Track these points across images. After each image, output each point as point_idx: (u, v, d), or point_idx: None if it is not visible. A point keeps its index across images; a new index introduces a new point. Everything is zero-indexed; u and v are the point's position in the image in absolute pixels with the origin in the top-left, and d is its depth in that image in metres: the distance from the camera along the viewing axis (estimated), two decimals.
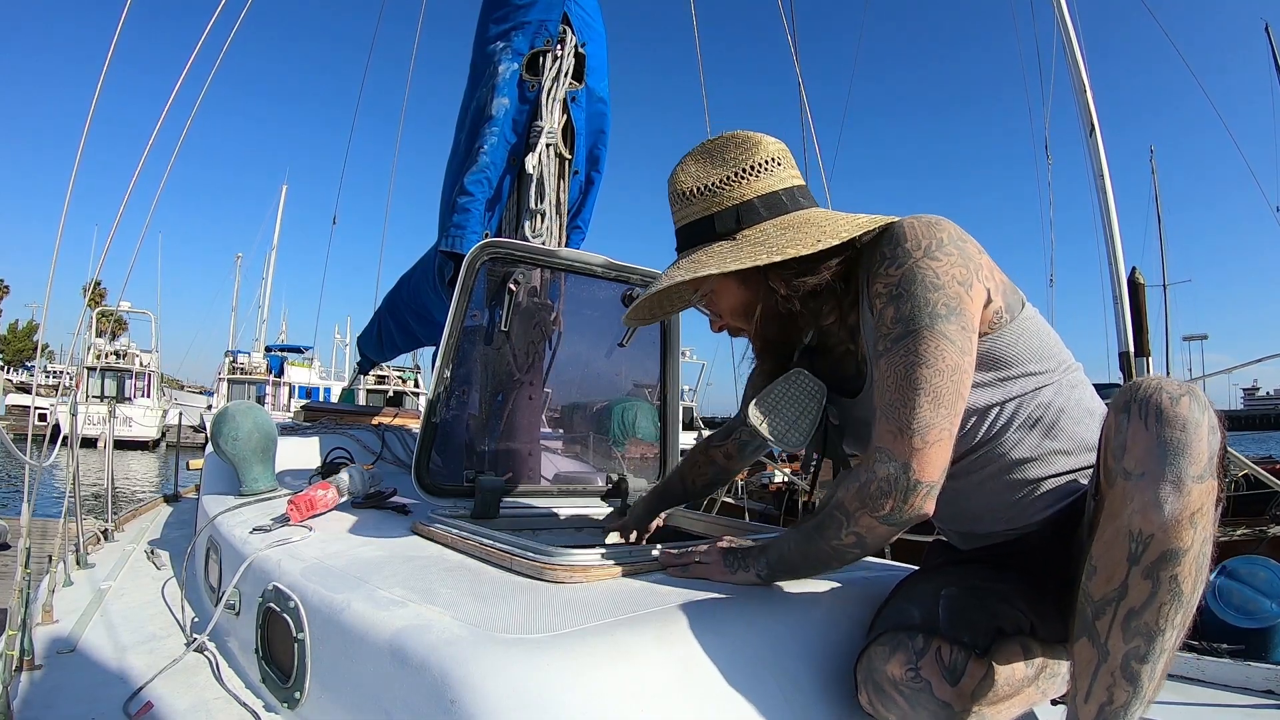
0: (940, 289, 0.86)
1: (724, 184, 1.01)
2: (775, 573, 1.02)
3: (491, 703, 0.73)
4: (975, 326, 0.88)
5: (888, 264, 0.90)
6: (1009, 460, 0.94)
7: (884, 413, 0.88)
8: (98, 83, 2.18)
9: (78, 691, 1.20)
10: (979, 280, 0.88)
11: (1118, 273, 2.95)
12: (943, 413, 0.84)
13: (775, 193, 1.01)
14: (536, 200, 1.98)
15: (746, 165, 1.01)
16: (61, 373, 16.61)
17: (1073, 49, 3.36)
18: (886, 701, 0.85)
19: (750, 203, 1.00)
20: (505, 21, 2.03)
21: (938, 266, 0.87)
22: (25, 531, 1.58)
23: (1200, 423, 0.70)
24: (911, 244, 0.89)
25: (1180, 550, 0.69)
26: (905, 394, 0.85)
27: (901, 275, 0.88)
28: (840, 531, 0.91)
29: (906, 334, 0.86)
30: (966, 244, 0.90)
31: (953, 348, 0.85)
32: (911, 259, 0.88)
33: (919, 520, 0.89)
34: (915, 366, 0.85)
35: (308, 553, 1.24)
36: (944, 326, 0.85)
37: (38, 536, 2.96)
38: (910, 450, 0.84)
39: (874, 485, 0.87)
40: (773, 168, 1.02)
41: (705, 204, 1.02)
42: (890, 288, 0.89)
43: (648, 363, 1.80)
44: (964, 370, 0.86)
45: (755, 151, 1.02)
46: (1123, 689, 0.73)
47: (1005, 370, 0.92)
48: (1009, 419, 0.93)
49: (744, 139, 1.03)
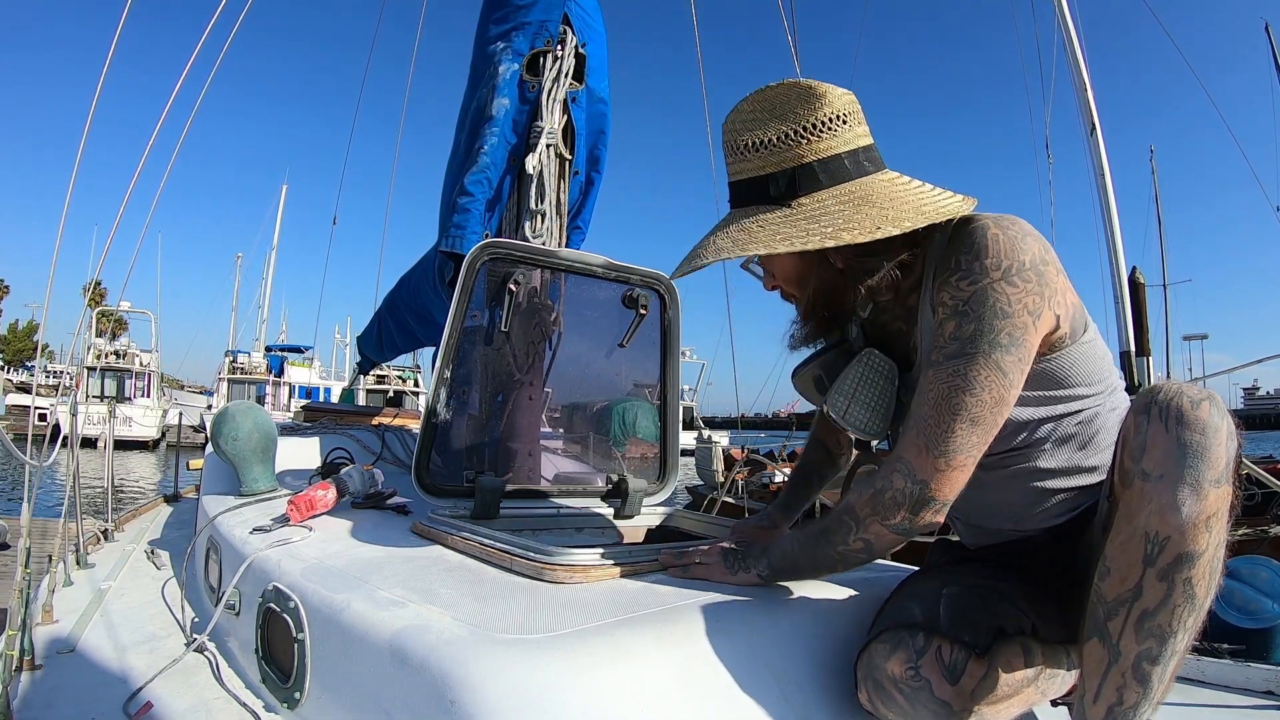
0: (1009, 317, 0.82)
1: (782, 141, 0.91)
2: (777, 574, 1.01)
3: (491, 703, 0.73)
4: (1032, 357, 0.85)
5: (960, 276, 0.85)
6: (1037, 467, 0.93)
7: (916, 425, 0.86)
8: (98, 83, 2.19)
9: (78, 691, 1.20)
10: (1050, 308, 0.84)
11: (1119, 272, 2.95)
12: (974, 440, 0.83)
13: (838, 156, 0.91)
14: (537, 200, 1.98)
15: (808, 122, 0.91)
16: (61, 373, 16.62)
17: (1073, 48, 3.36)
18: (886, 700, 0.85)
19: (809, 167, 0.91)
20: (505, 22, 2.03)
21: (1013, 293, 0.82)
22: (25, 531, 1.58)
23: (1220, 428, 0.70)
24: (992, 261, 0.83)
25: (1196, 553, 0.69)
26: (943, 414, 0.83)
27: (973, 294, 0.83)
28: (849, 537, 0.90)
29: (961, 355, 0.83)
30: (1047, 266, 0.84)
31: (1003, 381, 0.82)
32: (988, 279, 0.83)
33: (928, 530, 0.89)
34: (961, 391, 0.82)
35: (308, 553, 1.24)
36: (1001, 357, 0.82)
37: (38, 536, 2.96)
38: (933, 470, 0.83)
39: (889, 495, 0.86)
40: (837, 126, 0.91)
41: (760, 161, 0.93)
42: (958, 302, 0.84)
43: (648, 363, 1.80)
44: (1007, 403, 0.83)
45: (819, 107, 0.91)
46: (1133, 690, 0.74)
47: (1056, 390, 0.90)
48: (1049, 433, 0.92)
49: (807, 90, 0.92)
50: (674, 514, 1.70)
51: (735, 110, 0.96)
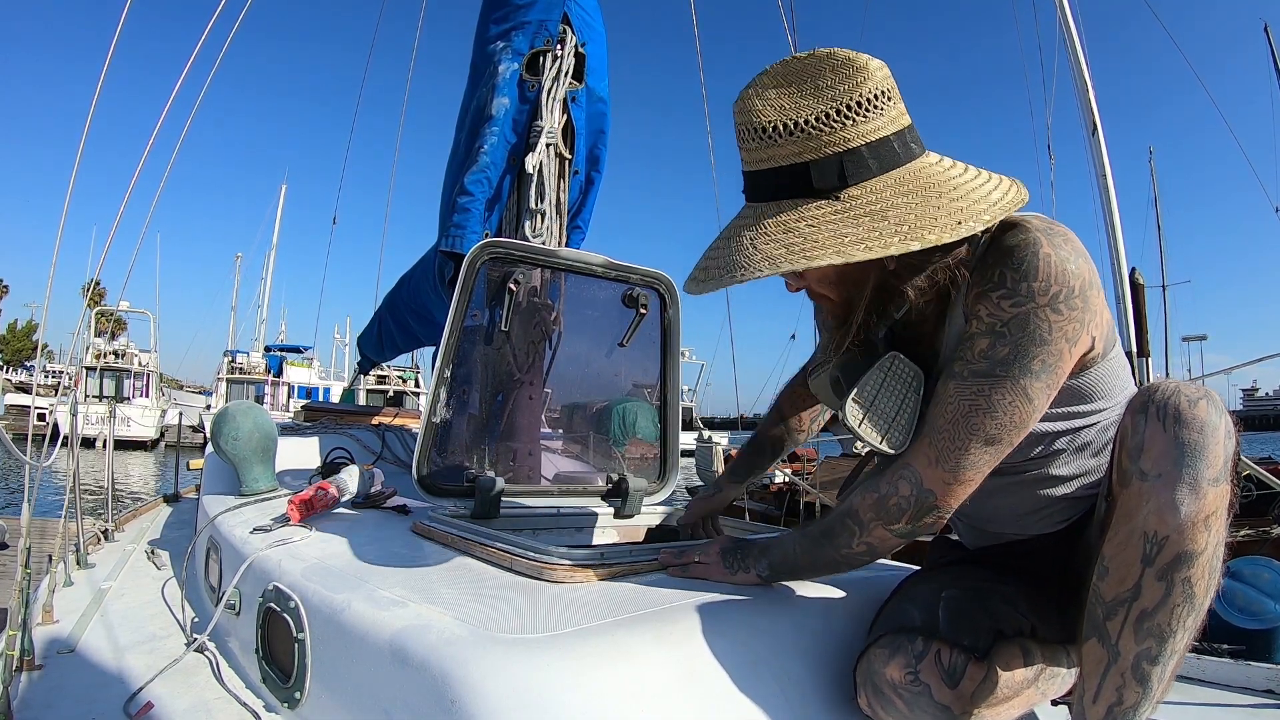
0: (1047, 345, 0.78)
1: (821, 123, 0.79)
2: (777, 574, 1.00)
3: (491, 703, 0.72)
4: (1061, 382, 0.81)
5: (1005, 295, 0.79)
6: (1049, 475, 0.93)
7: (930, 435, 0.83)
8: (98, 83, 2.19)
9: (78, 691, 1.20)
10: (1088, 332, 0.81)
11: (1120, 273, 2.96)
12: (987, 459, 0.81)
13: (886, 139, 0.80)
14: (536, 200, 1.98)
15: (851, 100, 0.79)
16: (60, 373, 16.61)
17: (1074, 47, 3.36)
18: (886, 704, 0.85)
19: (857, 151, 0.79)
20: (505, 21, 2.03)
21: (1056, 320, 0.78)
22: (25, 531, 1.58)
23: (1218, 426, 0.70)
24: (1040, 285, 0.77)
25: (1195, 553, 0.69)
26: (959, 431, 0.81)
27: (1015, 316, 0.78)
28: (852, 540, 0.89)
29: (990, 375, 0.79)
30: (1092, 290, 0.79)
31: (1028, 407, 0.79)
32: (1033, 303, 0.78)
33: (930, 533, 0.89)
34: (982, 412, 0.79)
35: (308, 553, 1.23)
36: (1030, 384, 0.78)
37: (38, 536, 2.96)
38: (941, 483, 0.82)
39: (893, 501, 0.85)
40: (883, 104, 0.80)
41: (796, 147, 0.80)
42: (996, 321, 0.80)
43: (648, 363, 1.79)
44: (1027, 428, 0.81)
45: (861, 82, 0.79)
46: (1133, 690, 0.73)
47: (1079, 405, 0.88)
48: (1067, 444, 0.91)
49: (844, 62, 0.80)
50: (674, 514, 1.70)
51: (752, 87, 0.83)
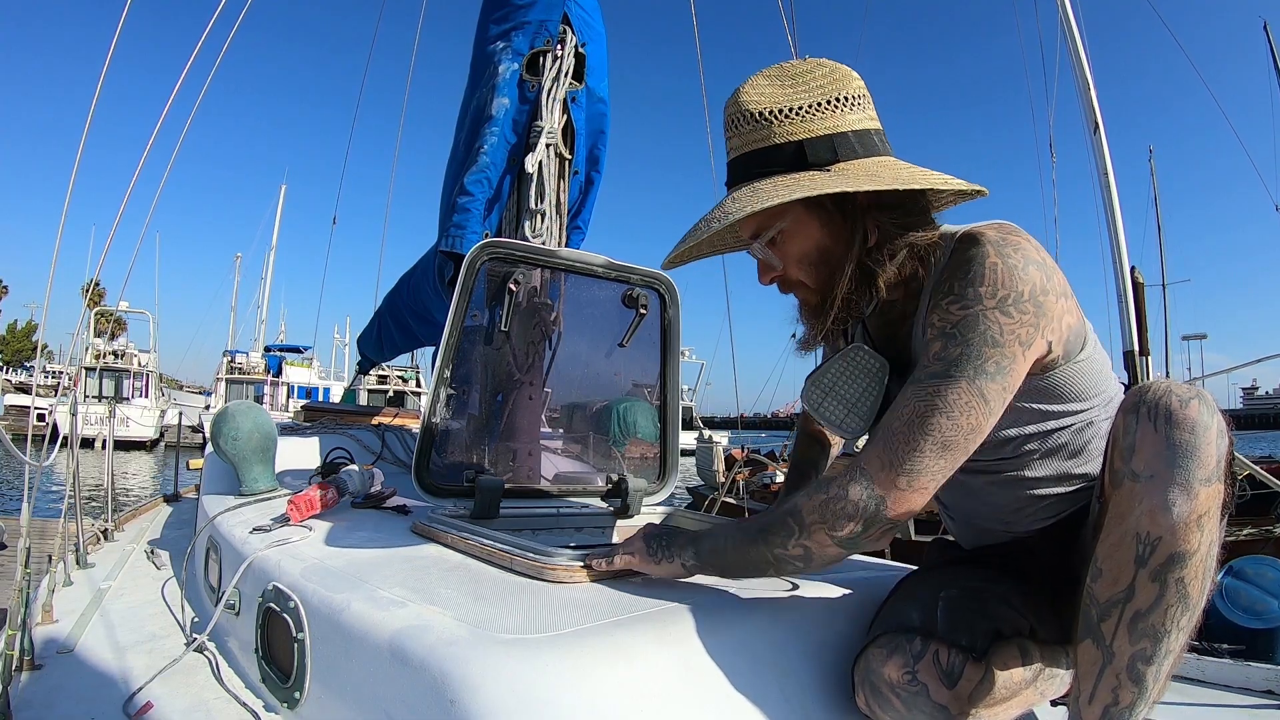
0: (999, 347, 0.79)
1: (813, 110, 0.88)
2: (704, 565, 0.94)
3: (491, 703, 0.72)
4: (1016, 387, 0.82)
5: (952, 300, 0.82)
6: (1024, 476, 0.93)
7: (884, 436, 0.82)
8: (98, 83, 2.18)
9: (78, 691, 1.20)
10: (1043, 336, 0.81)
11: (1122, 272, 2.95)
12: (942, 465, 0.80)
13: (868, 131, 0.89)
14: (536, 200, 1.98)
15: (840, 94, 0.89)
16: (60, 373, 16.61)
17: (1076, 47, 3.36)
18: (884, 704, 0.85)
19: (845, 135, 0.87)
20: (505, 21, 2.03)
21: (1006, 324, 0.80)
22: (25, 531, 1.58)
23: (1210, 426, 0.70)
24: (987, 290, 0.80)
25: (1188, 553, 0.69)
26: (914, 432, 0.80)
27: (963, 318, 0.81)
28: (789, 541, 0.85)
29: (944, 376, 0.80)
30: (1047, 296, 0.81)
31: (983, 409, 0.79)
32: (980, 306, 0.80)
33: (871, 549, 0.86)
34: (937, 412, 0.79)
35: (308, 553, 1.23)
36: (985, 385, 0.79)
37: (37, 536, 2.95)
38: (893, 488, 0.80)
39: (841, 505, 0.81)
40: (865, 104, 0.91)
41: (791, 127, 0.88)
42: (946, 324, 0.82)
43: (647, 363, 1.79)
44: (983, 431, 0.81)
45: (847, 82, 0.90)
46: (1128, 690, 0.73)
47: (1049, 404, 0.88)
48: (1036, 447, 0.91)
49: (832, 67, 0.90)
50: (674, 514, 1.70)
51: (749, 83, 0.92)
